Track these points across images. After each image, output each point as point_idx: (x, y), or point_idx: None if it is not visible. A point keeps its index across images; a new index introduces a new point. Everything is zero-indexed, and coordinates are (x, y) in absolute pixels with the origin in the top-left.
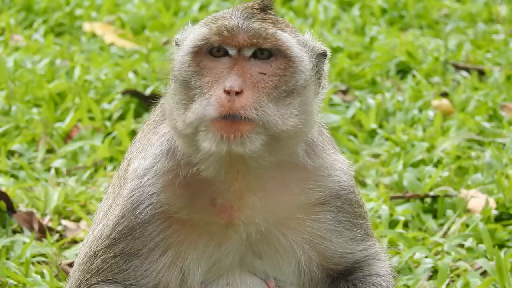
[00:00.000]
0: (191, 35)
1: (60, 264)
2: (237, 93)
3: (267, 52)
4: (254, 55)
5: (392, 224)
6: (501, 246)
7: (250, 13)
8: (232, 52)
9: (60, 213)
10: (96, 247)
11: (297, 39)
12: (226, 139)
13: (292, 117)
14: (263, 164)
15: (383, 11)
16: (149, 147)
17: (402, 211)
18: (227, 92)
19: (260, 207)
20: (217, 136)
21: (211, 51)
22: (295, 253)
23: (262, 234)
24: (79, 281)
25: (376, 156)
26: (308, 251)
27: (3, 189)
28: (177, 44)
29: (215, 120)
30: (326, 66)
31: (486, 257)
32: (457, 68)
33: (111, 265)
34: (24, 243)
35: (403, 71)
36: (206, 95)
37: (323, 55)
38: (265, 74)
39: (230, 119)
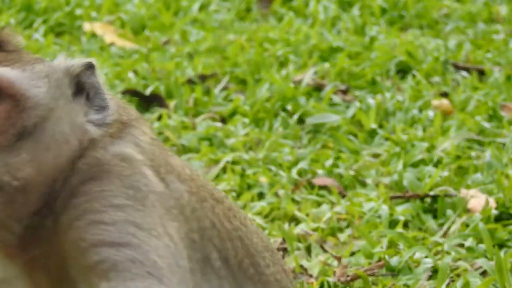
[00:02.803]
0: None
1: None
2: None
3: None
4: None
5: (392, 224)
6: (501, 246)
7: None
8: None
9: None
10: None
11: (29, 73)
12: None
13: (24, 166)
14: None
15: (383, 11)
16: None
17: (402, 211)
18: None
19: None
20: None
21: None
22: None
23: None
24: None
25: (376, 156)
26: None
27: None
28: None
29: None
30: (97, 77)
31: (486, 257)
32: (457, 68)
33: None
34: None
35: (403, 71)
36: None
37: (89, 67)
38: None
39: None
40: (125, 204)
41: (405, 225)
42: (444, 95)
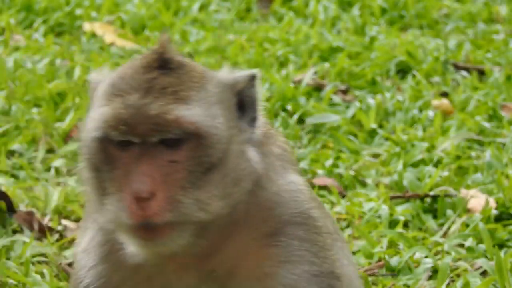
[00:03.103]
0: (91, 120)
1: (60, 264)
2: (148, 197)
3: (174, 137)
4: (162, 140)
5: (392, 224)
6: (501, 246)
7: (148, 81)
8: (135, 140)
9: (60, 213)
10: None
11: (206, 105)
12: (150, 244)
13: (214, 199)
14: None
15: (383, 11)
16: (90, 220)
17: (402, 211)
18: (137, 198)
19: (206, 267)
20: (140, 243)
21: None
22: None
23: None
24: None
25: (376, 156)
26: None
27: (3, 189)
28: (91, 87)
29: (132, 228)
30: (257, 88)
31: (486, 257)
32: (457, 68)
33: None
34: (24, 243)
35: (403, 71)
36: (117, 195)
37: (252, 79)
38: (176, 162)
39: (147, 226)
40: (329, 256)
41: (405, 225)
42: (444, 95)
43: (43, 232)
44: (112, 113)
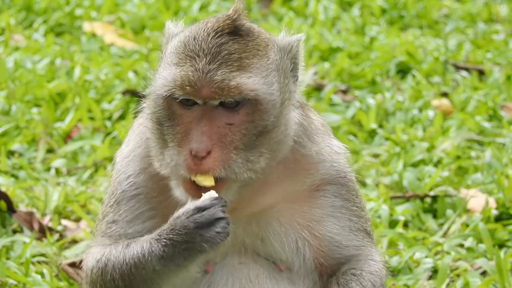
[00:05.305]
0: (161, 77)
1: (60, 264)
2: (204, 155)
3: (234, 101)
4: (222, 103)
5: (392, 224)
6: (501, 246)
7: (218, 46)
8: (198, 101)
9: (60, 213)
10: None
11: (265, 72)
12: (200, 196)
13: (262, 158)
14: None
15: (383, 11)
16: (133, 133)
17: (402, 211)
18: (194, 155)
19: (245, 207)
20: (188, 194)
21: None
22: (291, 238)
23: (256, 221)
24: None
25: (376, 156)
26: (304, 236)
27: (3, 189)
28: (165, 37)
29: (185, 180)
30: (302, 49)
31: (486, 257)
32: (457, 68)
33: (106, 229)
34: (24, 243)
35: (403, 71)
36: (176, 149)
37: (300, 42)
38: (233, 124)
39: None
40: (363, 215)
41: (405, 225)
42: (444, 95)
43: (43, 232)
44: (180, 75)
